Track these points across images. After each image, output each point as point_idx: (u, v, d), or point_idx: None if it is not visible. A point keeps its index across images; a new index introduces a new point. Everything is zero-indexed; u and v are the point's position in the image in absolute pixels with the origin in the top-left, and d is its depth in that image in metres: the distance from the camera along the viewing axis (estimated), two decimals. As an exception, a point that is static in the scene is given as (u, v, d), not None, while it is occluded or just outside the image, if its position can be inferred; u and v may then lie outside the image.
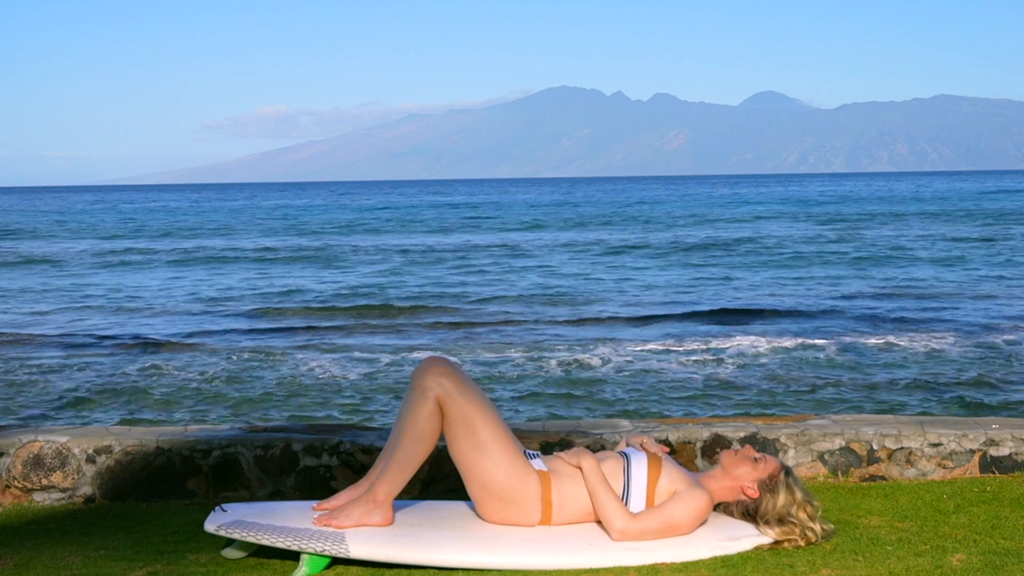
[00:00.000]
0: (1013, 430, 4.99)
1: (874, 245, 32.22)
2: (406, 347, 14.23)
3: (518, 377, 11.80)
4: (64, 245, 39.07)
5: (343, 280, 24.73)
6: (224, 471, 4.92)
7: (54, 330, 16.50)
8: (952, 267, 25.23)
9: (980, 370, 11.76)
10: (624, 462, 4.08)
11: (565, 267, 26.99)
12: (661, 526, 3.93)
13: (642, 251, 32.06)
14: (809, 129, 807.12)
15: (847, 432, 4.99)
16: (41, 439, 4.93)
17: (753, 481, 4.07)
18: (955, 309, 17.57)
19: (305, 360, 13.11)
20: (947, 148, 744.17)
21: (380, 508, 3.94)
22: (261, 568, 3.85)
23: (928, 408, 9.93)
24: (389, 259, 30.62)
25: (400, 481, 3.95)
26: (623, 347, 13.82)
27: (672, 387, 11.17)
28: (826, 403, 10.24)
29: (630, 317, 17.41)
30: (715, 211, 59.63)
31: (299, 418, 9.90)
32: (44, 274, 27.29)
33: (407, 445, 3.94)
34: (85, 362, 13.16)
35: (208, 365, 12.80)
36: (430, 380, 3.93)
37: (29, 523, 4.54)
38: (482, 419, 3.94)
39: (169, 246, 37.60)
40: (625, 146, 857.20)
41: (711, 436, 4.97)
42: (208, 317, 18.14)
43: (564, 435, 4.99)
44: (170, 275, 26.61)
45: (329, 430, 5.14)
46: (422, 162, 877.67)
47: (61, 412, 10.40)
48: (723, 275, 24.33)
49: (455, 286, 22.68)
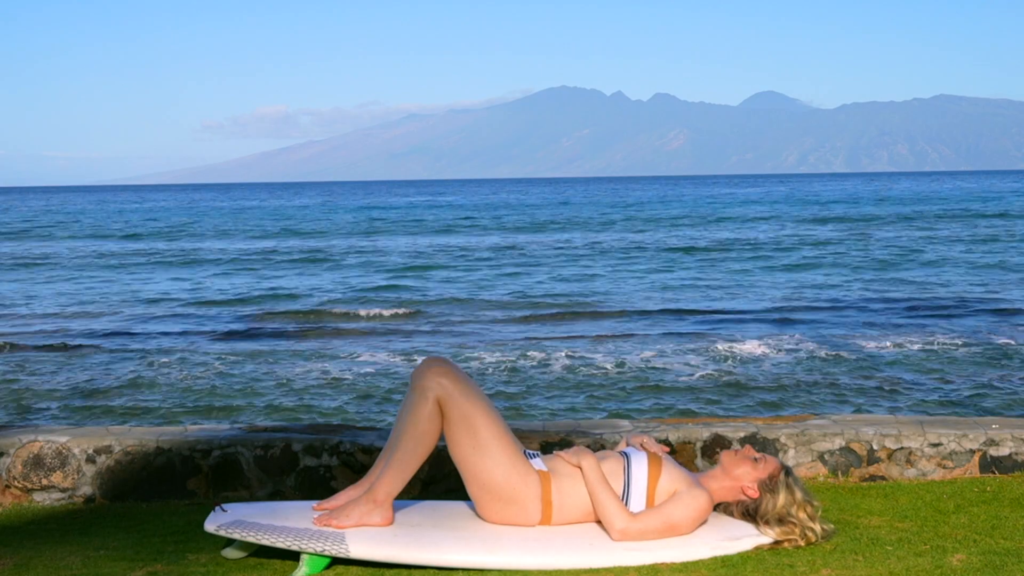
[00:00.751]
0: (1013, 430, 4.99)
1: (880, 246, 32.22)
2: (406, 348, 14.24)
3: (518, 377, 11.80)
4: (63, 245, 39.07)
5: (343, 281, 24.73)
6: (224, 471, 4.92)
7: (53, 331, 16.49)
8: (952, 267, 25.23)
9: (980, 370, 11.77)
10: (624, 462, 4.08)
11: (565, 267, 26.99)
12: (661, 526, 3.92)
13: (642, 251, 32.05)
14: (809, 129, 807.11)
15: (847, 432, 4.99)
16: (41, 439, 4.93)
17: (753, 481, 4.07)
18: (955, 309, 17.57)
19: (305, 361, 13.12)
20: (947, 148, 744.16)
21: (380, 508, 3.94)
22: (261, 568, 3.85)
23: (928, 408, 9.93)
24: (388, 260, 30.63)
25: (400, 481, 3.95)
26: (623, 347, 13.82)
27: (672, 387, 11.17)
28: (826, 403, 10.24)
29: (630, 317, 17.40)
30: (718, 211, 59.62)
31: (299, 418, 9.90)
32: (43, 274, 27.29)
33: (407, 445, 3.93)
34: (85, 362, 13.16)
35: (208, 366, 12.80)
36: (430, 380, 3.93)
37: (29, 523, 4.54)
38: (482, 419, 3.94)
39: (169, 247, 37.60)
40: (625, 146, 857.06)
41: (711, 436, 4.97)
42: (208, 317, 18.13)
43: (564, 435, 4.99)
44: (170, 275, 26.61)
45: (329, 430, 5.14)
46: (422, 162, 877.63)
47: (61, 412, 10.40)
48: (724, 275, 24.33)
49: (455, 286, 22.68)
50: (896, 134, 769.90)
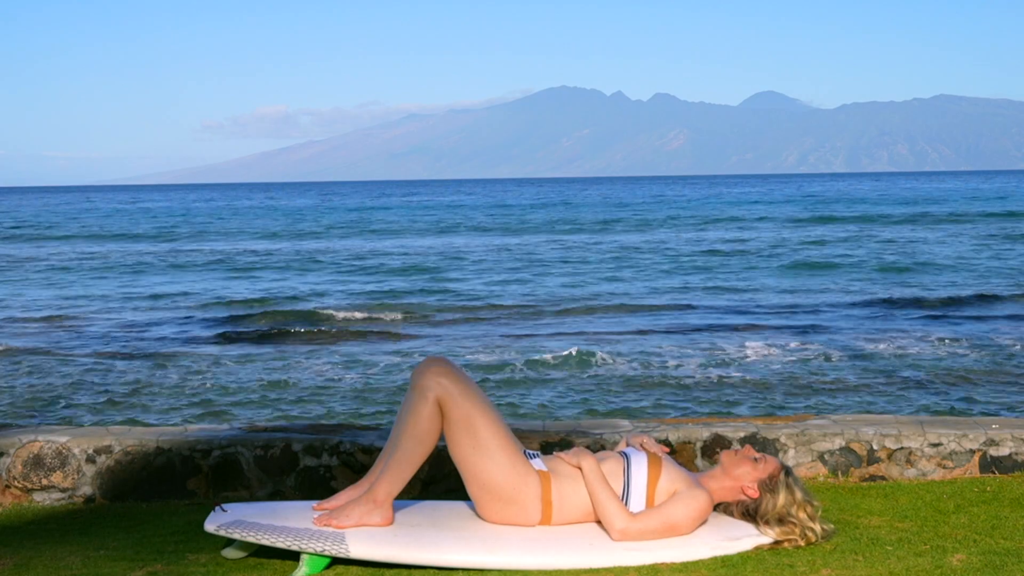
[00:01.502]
0: (1013, 430, 4.99)
1: (883, 245, 32.21)
2: (405, 348, 14.24)
3: (518, 377, 11.80)
4: (61, 246, 39.07)
5: (343, 281, 24.73)
6: (224, 471, 4.92)
7: (53, 330, 16.49)
8: (954, 267, 25.23)
9: (980, 370, 11.77)
10: (624, 462, 4.08)
11: (564, 266, 26.99)
12: (661, 526, 3.92)
13: (643, 250, 32.05)
14: (809, 129, 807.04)
15: (847, 432, 4.99)
16: (41, 439, 4.93)
17: (753, 481, 4.07)
18: (956, 309, 17.58)
19: (305, 361, 13.12)
20: (947, 148, 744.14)
21: (380, 508, 3.93)
22: (261, 568, 3.85)
23: (928, 408, 9.93)
24: (387, 261, 30.63)
25: (400, 481, 3.94)
26: (624, 346, 13.81)
27: (672, 387, 11.17)
28: (826, 403, 10.24)
29: (630, 316, 17.41)
30: (720, 211, 59.60)
31: (299, 418, 9.90)
32: (42, 273, 27.29)
33: (407, 445, 3.93)
34: (84, 362, 13.16)
35: (208, 365, 12.80)
36: (430, 380, 3.92)
37: (29, 523, 4.54)
38: (482, 419, 3.94)
39: (169, 247, 37.60)
40: (625, 146, 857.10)
41: (711, 436, 4.97)
42: (207, 317, 18.13)
43: (564, 435, 4.99)
44: (170, 276, 26.60)
45: (329, 430, 5.14)
46: (422, 162, 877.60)
47: (61, 412, 10.39)
48: (725, 274, 24.33)
49: (454, 286, 22.68)
50: (896, 134, 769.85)
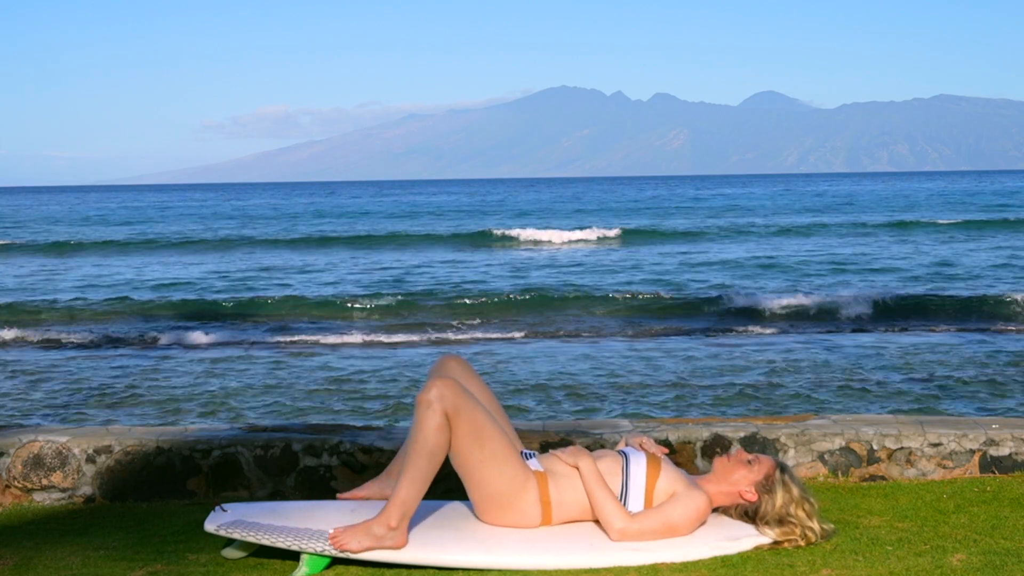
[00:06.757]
0: (1013, 430, 4.99)
1: (878, 246, 32.21)
2: (405, 348, 14.23)
3: (518, 376, 11.79)
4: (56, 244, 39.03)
5: (343, 281, 24.73)
6: (224, 471, 4.92)
7: (51, 330, 16.49)
8: (954, 267, 25.22)
9: (980, 370, 11.76)
10: (623, 461, 4.08)
11: (564, 265, 26.98)
12: (660, 527, 3.93)
13: (643, 250, 32.04)
14: (809, 129, 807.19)
15: (847, 432, 4.99)
16: (41, 439, 4.93)
17: (750, 485, 4.06)
18: (956, 309, 17.57)
19: (305, 360, 13.11)
20: (947, 148, 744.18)
21: (394, 532, 3.86)
22: (261, 568, 3.85)
23: (928, 408, 9.92)
24: (385, 260, 30.61)
25: (413, 501, 3.87)
26: (624, 346, 13.81)
27: (672, 386, 11.16)
28: (826, 403, 10.24)
29: (630, 315, 17.40)
30: (722, 211, 59.56)
31: (299, 418, 9.90)
32: (40, 274, 27.28)
33: (419, 463, 3.86)
34: (84, 362, 13.16)
35: (207, 366, 12.79)
36: (437, 394, 3.85)
37: (29, 523, 4.54)
38: (489, 431, 3.92)
39: (168, 247, 37.59)
40: (625, 146, 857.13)
41: (711, 436, 4.97)
42: (207, 318, 18.13)
43: (564, 435, 4.99)
44: (170, 276, 26.59)
45: (329, 430, 5.14)
46: (422, 162, 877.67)
47: (60, 412, 10.39)
48: (725, 273, 24.33)
49: (455, 286, 22.68)
50: (896, 134, 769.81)
